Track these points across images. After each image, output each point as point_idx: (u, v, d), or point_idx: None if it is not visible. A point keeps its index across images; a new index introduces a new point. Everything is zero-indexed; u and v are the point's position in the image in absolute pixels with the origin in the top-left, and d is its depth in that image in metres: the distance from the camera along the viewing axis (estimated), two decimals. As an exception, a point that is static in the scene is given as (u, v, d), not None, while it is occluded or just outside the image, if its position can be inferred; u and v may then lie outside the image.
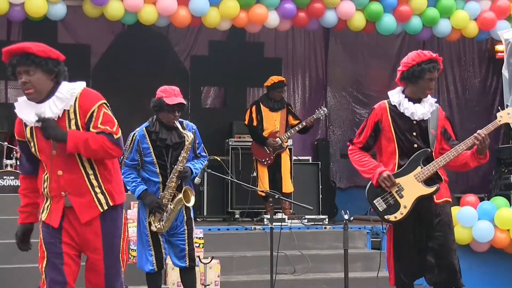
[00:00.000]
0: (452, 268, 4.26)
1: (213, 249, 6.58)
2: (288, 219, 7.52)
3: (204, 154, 5.20)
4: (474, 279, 6.60)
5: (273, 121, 8.05)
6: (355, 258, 6.67)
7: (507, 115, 4.27)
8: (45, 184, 3.57)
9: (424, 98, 4.38)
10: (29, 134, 3.57)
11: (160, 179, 5.04)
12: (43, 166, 3.58)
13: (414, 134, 4.34)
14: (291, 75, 10.31)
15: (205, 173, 5.15)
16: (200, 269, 5.90)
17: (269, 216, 5.28)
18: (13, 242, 6.29)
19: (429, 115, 4.35)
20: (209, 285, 6.02)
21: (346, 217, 4.38)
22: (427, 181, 4.28)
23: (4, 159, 7.80)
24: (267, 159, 7.98)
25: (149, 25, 7.63)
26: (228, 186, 8.72)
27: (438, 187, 4.28)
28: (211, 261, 5.98)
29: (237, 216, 8.52)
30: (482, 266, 7.17)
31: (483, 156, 4.29)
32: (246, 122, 8.11)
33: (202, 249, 6.28)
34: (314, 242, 7.20)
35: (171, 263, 5.39)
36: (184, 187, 4.98)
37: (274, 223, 4.87)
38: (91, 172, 3.55)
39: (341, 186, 10.20)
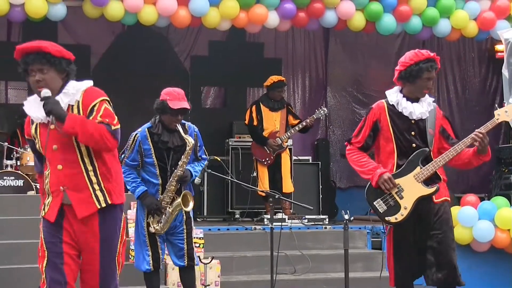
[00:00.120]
0: (452, 266, 4.23)
1: (213, 249, 6.58)
2: (288, 219, 7.52)
3: (205, 157, 5.19)
4: (475, 279, 6.59)
5: (273, 121, 8.05)
6: (355, 258, 6.67)
7: (505, 113, 4.26)
8: (47, 180, 3.62)
9: (422, 98, 4.37)
10: (33, 131, 3.64)
11: (160, 181, 5.04)
12: (46, 162, 3.63)
13: (413, 133, 4.32)
14: (291, 75, 10.31)
15: (205, 173, 5.14)
16: (200, 269, 5.91)
17: (269, 216, 5.28)
18: (13, 242, 6.34)
19: (427, 114, 4.34)
20: (209, 285, 6.02)
21: (347, 217, 4.37)
22: (426, 181, 4.27)
23: (5, 160, 7.80)
24: (267, 159, 7.98)
25: (149, 26, 7.62)
26: (228, 186, 8.72)
27: (438, 187, 4.27)
28: (211, 261, 5.98)
29: (237, 216, 8.52)
30: (482, 266, 7.16)
31: (484, 155, 4.29)
32: (246, 122, 8.11)
33: (202, 249, 6.28)
34: (314, 242, 7.20)
35: (171, 263, 5.39)
36: (184, 192, 4.98)
37: (274, 223, 4.87)
38: (90, 168, 3.57)
39: (341, 186, 10.21)
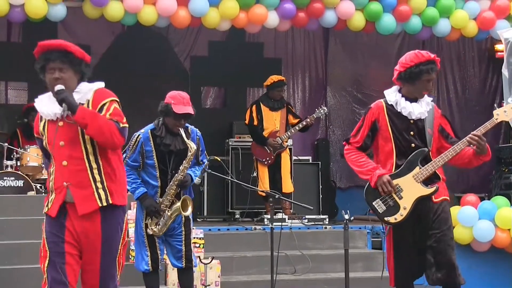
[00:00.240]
0: (451, 265, 4.22)
1: (213, 249, 6.58)
2: (289, 219, 7.52)
3: (206, 161, 5.18)
4: (475, 278, 6.59)
5: (273, 120, 8.05)
6: (355, 258, 6.67)
7: (504, 113, 4.25)
8: (51, 177, 3.66)
9: (421, 98, 4.36)
10: (41, 128, 3.69)
11: (159, 183, 5.03)
12: (51, 160, 3.68)
13: (412, 133, 4.31)
14: (291, 75, 10.31)
15: (205, 174, 5.14)
16: (201, 269, 5.91)
17: (269, 216, 5.28)
18: (13, 242, 6.34)
19: (426, 114, 4.32)
20: (209, 285, 6.02)
21: (347, 217, 4.37)
22: (425, 180, 4.26)
23: (5, 160, 7.80)
24: (267, 159, 7.98)
25: (149, 26, 7.63)
26: (228, 186, 8.72)
27: (437, 187, 4.26)
28: (211, 261, 5.98)
29: (237, 216, 8.52)
30: (482, 266, 7.16)
31: (483, 155, 4.28)
32: (247, 121, 8.11)
33: (202, 249, 6.28)
34: (315, 242, 7.20)
35: (171, 263, 5.40)
36: (183, 196, 4.97)
37: (275, 223, 4.87)
38: (95, 166, 3.61)
39: (341, 186, 10.20)
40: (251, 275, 6.62)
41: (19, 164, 7.86)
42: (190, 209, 4.99)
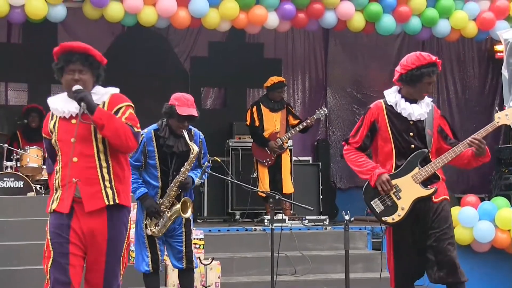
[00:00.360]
0: (452, 263, 4.21)
1: (213, 250, 6.58)
2: (289, 220, 7.52)
3: (209, 164, 5.17)
4: (475, 279, 6.57)
5: (273, 121, 8.05)
6: (356, 259, 6.68)
7: (505, 116, 4.25)
8: (57, 175, 3.67)
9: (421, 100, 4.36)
10: (52, 126, 3.72)
11: (160, 184, 5.03)
12: (58, 157, 3.69)
13: (411, 134, 4.31)
14: (291, 76, 10.31)
15: (206, 174, 5.14)
16: (201, 270, 5.91)
17: (269, 217, 5.27)
18: (13, 244, 6.33)
19: (426, 116, 4.32)
20: (209, 286, 6.02)
21: (347, 217, 4.37)
22: (425, 181, 4.25)
23: (5, 161, 7.80)
24: (267, 159, 7.97)
25: (149, 27, 7.63)
26: (229, 187, 8.72)
27: (436, 188, 4.26)
28: (211, 262, 5.98)
29: (237, 217, 8.52)
30: (483, 267, 7.16)
31: (483, 157, 4.28)
32: (248, 123, 8.11)
33: (202, 250, 6.28)
34: (315, 243, 7.20)
35: (171, 264, 5.39)
36: (183, 198, 4.97)
37: (275, 224, 4.86)
38: (105, 165, 3.66)
39: (341, 186, 10.20)
40: (251, 276, 6.62)
41: (19, 165, 7.86)
42: (190, 211, 4.99)
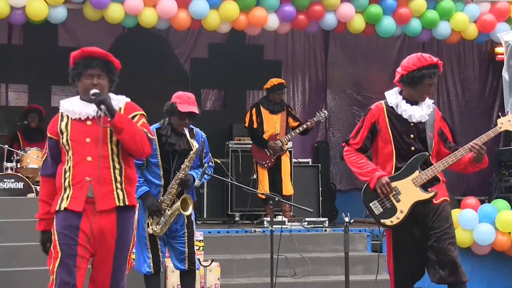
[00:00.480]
0: (453, 263, 4.20)
1: (213, 252, 6.57)
2: (288, 221, 7.50)
3: (211, 164, 5.17)
4: (475, 282, 6.59)
5: (273, 123, 8.04)
6: (355, 261, 6.67)
7: (508, 122, 4.25)
8: (67, 174, 3.70)
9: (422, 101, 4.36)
10: (63, 126, 3.75)
11: (162, 183, 5.03)
12: (67, 157, 3.72)
13: (412, 136, 4.30)
14: (291, 78, 10.32)
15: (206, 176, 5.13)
16: (200, 272, 5.90)
17: (269, 219, 5.27)
18: (13, 245, 6.33)
19: (426, 117, 4.31)
20: (209, 288, 6.02)
21: (347, 219, 4.36)
22: (424, 183, 4.25)
23: (5, 162, 7.80)
24: (267, 161, 7.97)
25: (149, 28, 7.63)
26: (228, 188, 8.72)
27: (435, 192, 4.25)
28: (211, 264, 5.98)
29: (237, 218, 8.52)
30: (483, 269, 7.16)
31: (480, 163, 4.28)
32: (247, 124, 8.10)
33: (202, 252, 6.27)
34: (314, 245, 7.19)
35: (171, 265, 5.38)
36: (183, 195, 4.97)
37: (274, 226, 4.86)
38: (118, 167, 3.73)
39: (341, 188, 10.19)
40: (251, 278, 6.61)
41: (19, 166, 7.86)
42: (191, 209, 4.98)
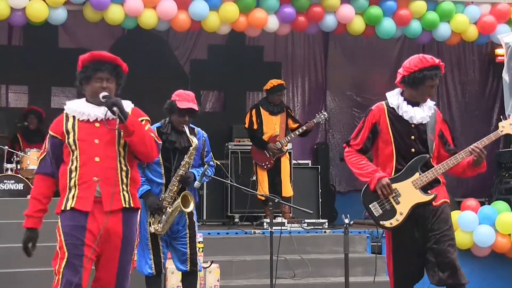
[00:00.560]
0: (452, 265, 4.19)
1: (212, 253, 6.56)
2: (288, 223, 7.51)
3: (212, 164, 5.16)
4: (475, 283, 6.58)
5: (273, 124, 8.04)
6: (355, 263, 6.66)
7: (510, 125, 4.24)
8: (73, 174, 3.71)
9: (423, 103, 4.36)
10: (70, 126, 3.76)
11: (164, 181, 5.03)
12: (72, 157, 3.72)
13: (412, 137, 4.29)
14: (291, 79, 10.32)
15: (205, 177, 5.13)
16: (200, 273, 5.89)
17: (268, 220, 5.27)
18: (13, 246, 6.32)
19: (428, 119, 4.31)
20: (209, 289, 6.02)
21: (347, 221, 4.35)
22: (425, 185, 4.24)
23: (5, 163, 7.80)
24: (267, 163, 7.97)
25: (149, 29, 7.64)
26: (228, 190, 8.71)
27: (435, 195, 4.24)
28: (210, 265, 5.98)
29: (236, 220, 8.51)
30: (482, 271, 7.15)
31: (479, 167, 4.28)
32: (246, 125, 8.10)
33: (201, 253, 6.27)
34: (314, 246, 7.19)
35: (171, 267, 5.38)
36: (184, 192, 4.97)
37: (274, 227, 4.85)
38: (125, 169, 3.77)
39: (340, 190, 10.19)
40: (250, 279, 6.61)
41: (19, 167, 7.86)
42: (192, 205, 4.98)
